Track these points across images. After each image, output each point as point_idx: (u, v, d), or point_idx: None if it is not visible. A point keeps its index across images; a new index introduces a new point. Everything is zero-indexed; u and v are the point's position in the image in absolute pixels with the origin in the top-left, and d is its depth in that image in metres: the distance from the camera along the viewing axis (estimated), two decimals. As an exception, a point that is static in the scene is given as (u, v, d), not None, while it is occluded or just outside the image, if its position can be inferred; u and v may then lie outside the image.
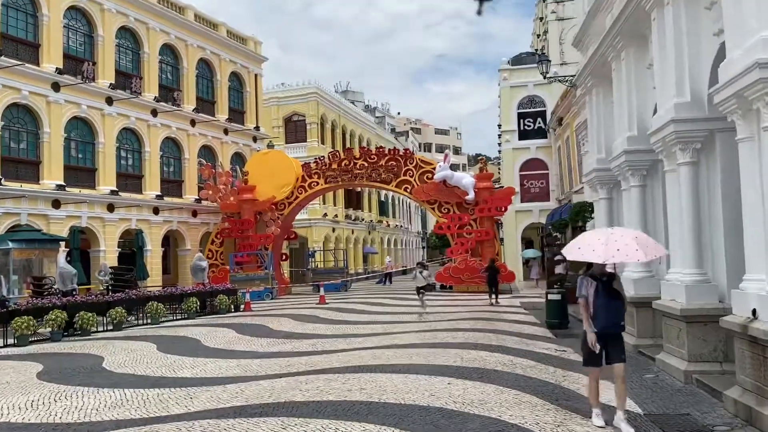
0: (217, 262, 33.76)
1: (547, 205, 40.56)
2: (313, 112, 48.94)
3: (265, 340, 14.85)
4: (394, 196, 68.08)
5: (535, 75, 42.04)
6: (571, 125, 33.83)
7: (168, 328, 18.37)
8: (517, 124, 41.63)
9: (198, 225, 35.24)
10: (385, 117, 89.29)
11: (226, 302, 22.67)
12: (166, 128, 33.43)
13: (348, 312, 21.63)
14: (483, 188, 31.56)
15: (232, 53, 39.04)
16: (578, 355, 12.22)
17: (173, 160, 34.46)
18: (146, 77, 32.42)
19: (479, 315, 19.48)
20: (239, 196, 33.46)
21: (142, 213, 31.34)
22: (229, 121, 37.98)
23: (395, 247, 68.29)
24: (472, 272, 30.55)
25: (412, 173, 32.87)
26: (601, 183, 15.58)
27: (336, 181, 33.81)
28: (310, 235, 47.35)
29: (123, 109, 30.65)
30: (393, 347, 13.10)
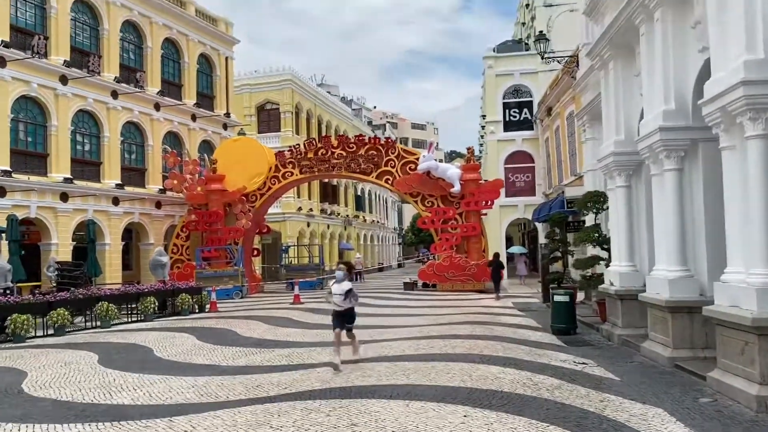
0: (182, 258, 31.27)
1: (532, 200, 38.79)
2: (288, 100, 46.50)
3: (230, 350, 12.59)
4: (371, 191, 65.89)
5: (521, 63, 40.34)
6: (562, 115, 32.01)
7: (119, 333, 15.97)
8: (503, 114, 39.78)
9: (162, 217, 32.65)
10: (362, 110, 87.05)
11: (189, 302, 20.29)
12: (127, 111, 30.78)
13: (326, 313, 19.35)
14: (469, 180, 29.55)
15: (201, 34, 36.45)
16: (605, 370, 10.32)
17: (135, 147, 31.82)
18: (106, 55, 29.72)
19: (474, 318, 17.43)
20: (207, 186, 30.96)
21: (100, 203, 28.71)
22: (197, 107, 35.41)
23: (372, 243, 66.14)
24: (458, 270, 28.56)
25: (394, 164, 30.73)
26: (619, 169, 13.63)
27: (312, 171, 31.50)
28: (283, 229, 44.98)
29: (78, 90, 27.96)
30: (383, 359, 10.96)
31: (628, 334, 13.03)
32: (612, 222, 14.46)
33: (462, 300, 23.77)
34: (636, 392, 8.58)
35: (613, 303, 13.96)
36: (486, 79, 40.77)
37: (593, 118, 20.93)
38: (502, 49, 41.33)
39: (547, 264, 21.97)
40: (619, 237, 13.93)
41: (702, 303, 9.98)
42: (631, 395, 8.37)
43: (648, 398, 8.17)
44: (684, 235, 10.77)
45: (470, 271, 28.47)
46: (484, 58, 40.35)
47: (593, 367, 10.57)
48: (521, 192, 39.34)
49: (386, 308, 21.04)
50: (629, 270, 13.57)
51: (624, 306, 13.41)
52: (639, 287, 13.16)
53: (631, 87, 13.55)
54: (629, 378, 9.65)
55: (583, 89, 21.31)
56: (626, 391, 8.68)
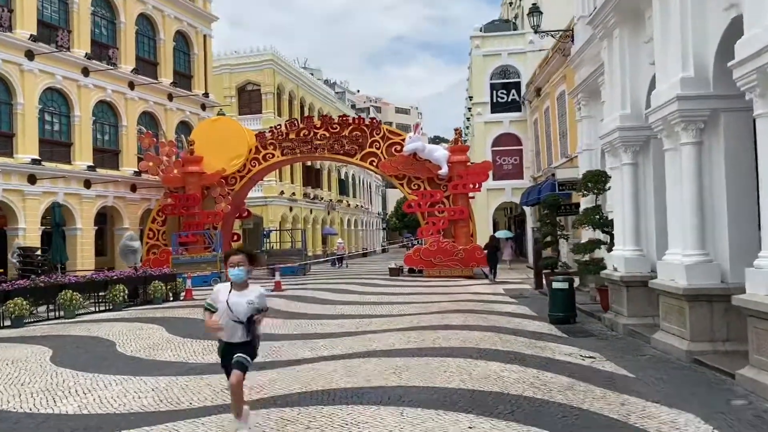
0: (159, 243, 29.94)
1: (520, 183, 37.88)
2: (269, 81, 45.02)
3: (201, 344, 11.43)
4: (354, 175, 64.66)
5: (509, 43, 39.21)
6: (552, 95, 30.97)
7: (83, 324, 14.73)
8: (490, 95, 38.69)
9: (137, 201, 31.24)
10: (345, 93, 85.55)
11: (162, 290, 19.05)
12: (99, 90, 29.23)
13: (308, 302, 18.32)
14: (457, 162, 28.46)
15: (178, 10, 34.81)
16: (616, 365, 9.33)
17: (108, 127, 30.31)
18: (75, 30, 28.10)
19: (465, 306, 16.41)
20: (183, 168, 29.57)
21: (71, 186, 27.26)
22: (173, 86, 33.89)
23: (355, 228, 65.01)
24: (445, 255, 27.54)
25: (379, 145, 29.54)
26: (625, 145, 12.58)
27: (294, 153, 30.22)
28: (265, 214, 43.71)
29: (47, 66, 26.37)
30: (371, 355, 9.88)
31: (634, 324, 12.08)
32: (615, 203, 13.45)
33: (451, 286, 22.77)
34: (657, 392, 7.58)
35: (617, 290, 12.98)
36: (473, 59, 39.61)
37: (589, 95, 19.90)
38: (490, 29, 40.16)
39: (539, 249, 20.99)
40: (624, 219, 12.93)
41: (724, 291, 9.10)
42: (652, 396, 7.37)
43: (673, 400, 7.17)
44: (703, 216, 9.73)
45: (458, 256, 27.48)
46: (471, 37, 39.16)
47: (602, 362, 9.58)
48: (509, 175, 38.40)
49: (371, 295, 19.97)
50: (635, 255, 12.58)
51: (630, 293, 12.43)
52: (646, 273, 12.22)
53: (639, 56, 12.49)
54: (645, 375, 8.67)
55: (579, 65, 20.23)
56: (646, 391, 7.68)
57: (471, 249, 27.59)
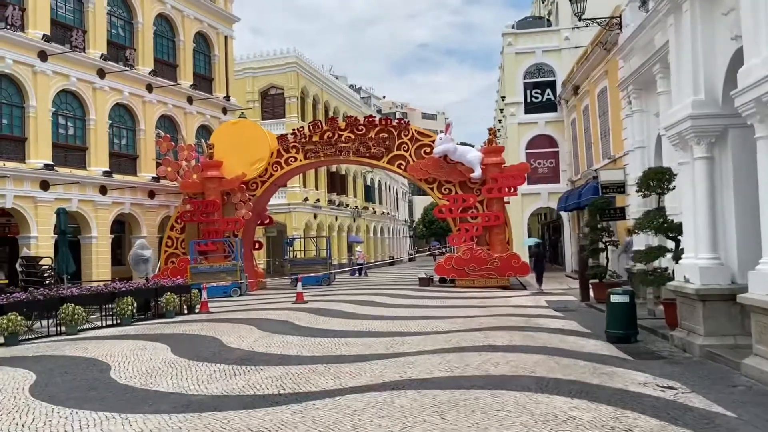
0: (177, 252, 28.63)
1: (557, 187, 35.90)
2: (293, 84, 43.76)
3: (207, 369, 9.86)
4: (380, 181, 63.11)
5: (543, 40, 37.32)
6: (592, 93, 29.08)
7: (83, 342, 13.29)
8: (524, 95, 36.82)
9: (156, 207, 30.04)
10: (371, 98, 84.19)
11: (175, 302, 17.59)
12: (116, 93, 28.11)
13: (332, 316, 16.70)
14: (492, 164, 26.66)
15: (198, 10, 33.68)
16: (705, 399, 7.55)
17: (126, 131, 29.18)
18: (91, 31, 27.05)
19: (507, 321, 14.65)
20: (203, 173, 28.26)
21: (86, 192, 26.13)
22: (193, 88, 32.72)
23: (382, 235, 63.39)
24: (479, 264, 25.74)
25: (407, 147, 27.90)
26: (699, 136, 10.76)
27: (317, 156, 28.70)
28: (289, 221, 42.36)
29: (61, 67, 25.33)
30: (407, 386, 8.20)
31: (713, 345, 10.23)
32: (685, 204, 11.61)
33: (487, 298, 20.98)
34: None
35: (690, 304, 11.12)
36: (505, 57, 37.81)
37: (641, 87, 18.08)
38: (523, 26, 38.31)
39: (586, 257, 19.12)
40: (697, 222, 11.09)
41: None
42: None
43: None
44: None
45: (493, 265, 25.67)
46: (503, 35, 37.38)
47: (687, 395, 7.81)
48: (544, 179, 36.43)
49: (402, 309, 18.27)
50: (712, 263, 10.72)
51: (706, 309, 10.57)
52: (726, 285, 10.39)
53: (715, 31, 10.67)
54: (748, 413, 6.90)
55: (628, 54, 18.43)
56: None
57: (507, 257, 25.77)
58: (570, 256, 35.96)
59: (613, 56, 25.36)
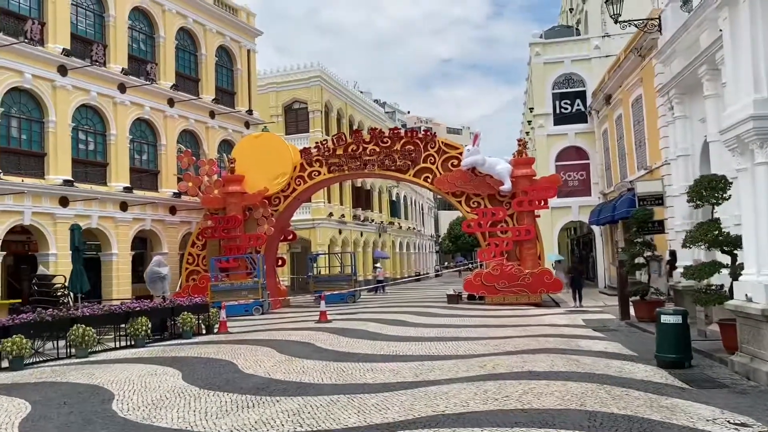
0: (199, 269, 27.96)
1: (588, 200, 34.67)
2: (317, 98, 43.20)
3: (218, 399, 8.96)
4: (406, 196, 62.20)
5: (572, 49, 36.24)
6: (625, 101, 27.94)
7: (91, 366, 12.51)
8: (552, 106, 35.73)
9: (177, 224, 29.47)
10: (396, 113, 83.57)
11: (192, 322, 16.79)
12: (137, 107, 27.70)
13: (356, 336, 15.74)
14: (522, 176, 25.60)
15: (220, 24, 33.32)
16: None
17: (147, 147, 28.72)
18: (112, 45, 26.70)
19: (545, 343, 13.55)
20: (224, 188, 27.63)
21: (106, 208, 25.63)
22: (215, 102, 32.25)
23: (408, 251, 62.36)
24: (510, 280, 24.61)
25: (434, 159, 26.97)
26: (763, 138, 9.68)
27: (341, 169, 27.91)
28: (313, 237, 41.61)
29: (81, 82, 24.97)
30: (441, 423, 7.21)
31: (783, 373, 9.08)
32: (745, 215, 10.47)
33: (520, 316, 19.85)
34: None
35: (754, 326, 9.96)
36: (532, 68, 36.81)
37: (685, 92, 16.94)
38: (550, 35, 37.30)
39: (626, 273, 17.93)
40: (759, 234, 9.96)
41: None
42: None
43: None
44: None
45: (524, 281, 24.52)
46: (531, 44, 36.41)
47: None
48: (575, 192, 35.20)
49: (430, 328, 17.23)
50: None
51: (775, 332, 9.43)
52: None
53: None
54: None
55: (669, 57, 17.32)
56: None
57: (539, 273, 24.61)
58: (603, 272, 34.60)
59: (648, 62, 24.27)
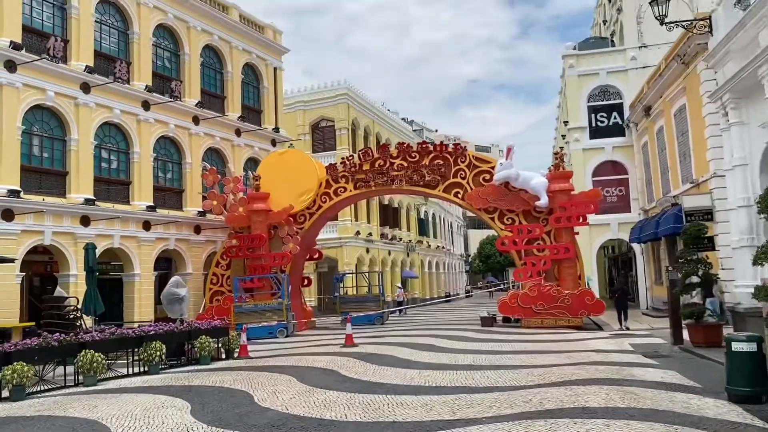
0: (223, 289, 27.10)
1: (627, 217, 33.09)
2: (344, 116, 42.53)
3: (228, 438, 7.89)
4: (434, 214, 60.99)
5: (607, 61, 34.92)
6: (667, 112, 26.53)
7: (96, 396, 11.53)
8: (588, 119, 34.37)
9: (202, 243, 28.75)
10: (423, 130, 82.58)
11: (210, 347, 15.79)
12: (161, 125, 27.18)
13: (384, 363, 14.55)
14: (559, 191, 24.29)
15: (246, 41, 32.84)
16: None
17: (171, 165, 28.14)
18: (136, 62, 26.29)
19: (594, 372, 12.22)
20: (249, 206, 26.81)
21: (129, 228, 25.01)
22: (241, 120, 31.64)
23: (437, 270, 60.99)
24: (548, 301, 23.22)
25: (465, 174, 25.83)
26: None
27: (368, 185, 26.91)
28: (340, 256, 40.67)
29: (104, 99, 24.54)
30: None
31: None
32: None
33: (562, 341, 18.45)
34: None
35: None
36: (566, 80, 35.57)
37: (740, 96, 15.63)
38: (584, 47, 36.07)
39: (678, 293, 16.48)
40: None
41: None
42: None
43: None
44: None
45: (564, 303, 23.12)
46: (564, 56, 35.23)
47: None
48: (613, 208, 33.63)
49: (465, 354, 15.97)
50: None
51: None
52: None
53: None
54: None
55: (721, 60, 16.05)
56: None
57: (579, 294, 23.19)
58: (644, 292, 32.91)
59: (692, 69, 22.91)
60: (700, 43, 21.61)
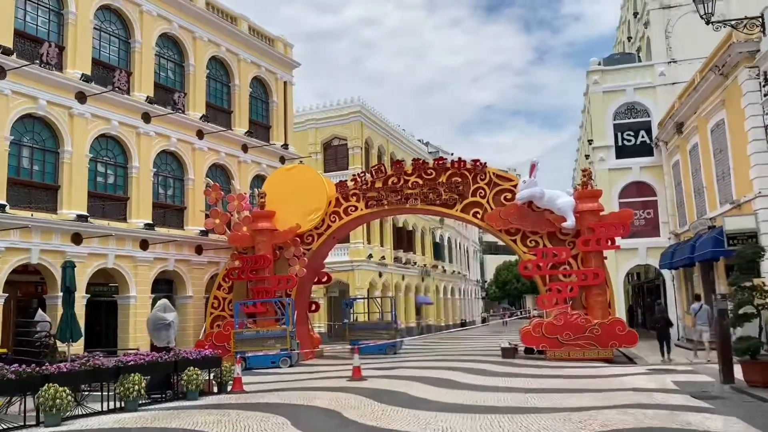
0: (224, 314, 25.31)
1: (656, 241, 31.03)
2: (357, 134, 41.04)
3: None
4: (450, 238, 59.02)
5: (635, 77, 33.13)
6: (702, 128, 24.69)
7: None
8: (614, 138, 32.52)
9: (204, 264, 27.08)
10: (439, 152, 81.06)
11: (199, 379, 13.96)
12: (162, 138, 25.73)
13: (395, 403, 12.64)
14: (587, 211, 22.40)
15: (255, 54, 31.50)
16: None
17: (172, 181, 26.63)
18: (137, 72, 24.96)
19: (642, 418, 10.27)
20: (253, 225, 25.14)
21: (124, 247, 23.43)
22: (249, 136, 30.16)
23: (452, 296, 58.85)
24: (576, 331, 21.21)
25: (484, 192, 24.03)
26: None
27: (381, 204, 25.16)
28: (351, 280, 38.84)
29: (102, 110, 23.16)
30: None
31: None
32: None
33: (594, 376, 16.43)
34: None
35: None
36: (590, 97, 33.81)
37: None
38: (610, 63, 34.34)
39: (730, 325, 14.48)
40: None
41: None
42: None
43: None
44: None
45: (593, 333, 21.09)
46: (589, 72, 33.52)
47: None
48: (641, 232, 31.52)
49: (487, 392, 14.01)
50: None
51: None
52: None
53: None
54: None
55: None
56: None
57: (610, 324, 21.17)
58: (676, 321, 30.67)
59: (733, 81, 21.11)
60: (742, 51, 19.88)
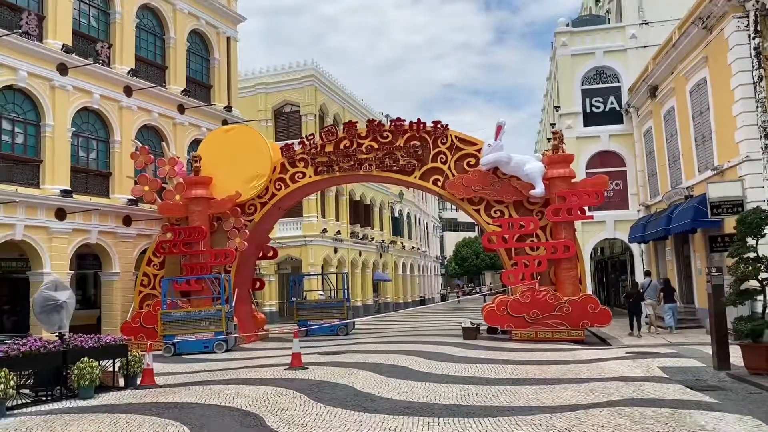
0: (155, 292, 22.54)
1: (625, 214, 29.29)
2: (311, 100, 38.24)
3: None
4: (410, 212, 56.84)
5: (604, 40, 31.04)
6: (680, 90, 22.80)
7: None
8: (582, 104, 30.55)
9: (132, 237, 24.20)
10: (399, 126, 78.74)
11: (94, 373, 11.32)
12: (82, 94, 22.62)
13: (335, 402, 10.27)
14: (558, 178, 20.29)
15: (193, 4, 28.34)
16: None
17: (96, 142, 23.58)
18: (51, 17, 21.70)
19: (641, 420, 8.16)
20: (186, 192, 22.35)
21: (36, 216, 20.43)
22: (186, 95, 27.14)
23: (411, 273, 56.83)
24: (544, 309, 19.18)
25: (446, 158, 21.72)
26: None
27: (332, 170, 22.58)
28: (304, 256, 36.37)
29: (10, 59, 19.94)
30: None
31: None
32: None
33: (569, 361, 14.37)
34: None
35: None
36: (558, 60, 31.69)
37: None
38: (578, 24, 32.26)
39: (729, 303, 12.49)
40: None
41: None
42: None
43: None
44: None
45: (563, 312, 19.10)
46: (556, 33, 31.35)
47: None
48: (609, 204, 29.62)
49: (448, 385, 11.74)
50: None
51: None
52: None
53: None
54: None
55: None
56: None
57: (581, 301, 19.21)
58: (644, 299, 29.13)
59: (717, 35, 19.14)
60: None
